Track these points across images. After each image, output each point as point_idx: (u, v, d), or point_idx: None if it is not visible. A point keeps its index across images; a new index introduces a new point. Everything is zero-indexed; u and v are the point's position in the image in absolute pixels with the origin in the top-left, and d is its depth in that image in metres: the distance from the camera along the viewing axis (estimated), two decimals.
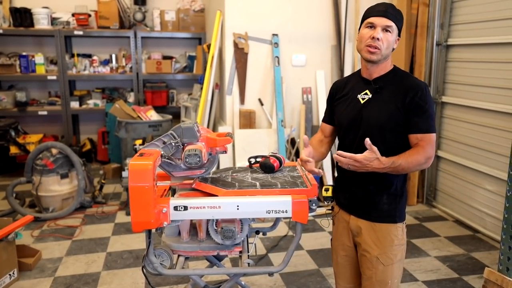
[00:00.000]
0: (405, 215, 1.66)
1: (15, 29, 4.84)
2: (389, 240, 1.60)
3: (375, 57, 1.55)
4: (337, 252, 1.78)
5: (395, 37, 1.56)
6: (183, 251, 1.74)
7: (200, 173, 1.76)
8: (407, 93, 1.54)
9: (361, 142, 1.56)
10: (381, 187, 1.61)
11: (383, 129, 1.57)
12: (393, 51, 1.62)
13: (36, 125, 5.31)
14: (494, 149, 3.24)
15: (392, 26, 1.53)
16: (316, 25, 4.08)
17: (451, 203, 3.81)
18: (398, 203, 1.62)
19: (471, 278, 2.73)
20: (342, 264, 1.77)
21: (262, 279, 2.70)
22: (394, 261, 1.61)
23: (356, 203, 1.67)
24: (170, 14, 5.31)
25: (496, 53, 3.23)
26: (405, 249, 1.66)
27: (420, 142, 1.53)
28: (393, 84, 1.59)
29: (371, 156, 1.46)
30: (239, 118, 4.01)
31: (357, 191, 1.65)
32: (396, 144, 1.58)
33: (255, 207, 1.61)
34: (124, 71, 5.29)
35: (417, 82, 1.58)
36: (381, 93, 1.59)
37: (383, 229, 1.61)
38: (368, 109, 1.61)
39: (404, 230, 1.66)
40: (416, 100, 1.52)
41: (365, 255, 1.64)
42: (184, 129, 1.67)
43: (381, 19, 1.53)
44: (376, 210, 1.62)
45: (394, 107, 1.55)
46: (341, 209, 1.75)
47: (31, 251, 2.89)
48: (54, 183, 3.66)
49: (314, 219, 3.65)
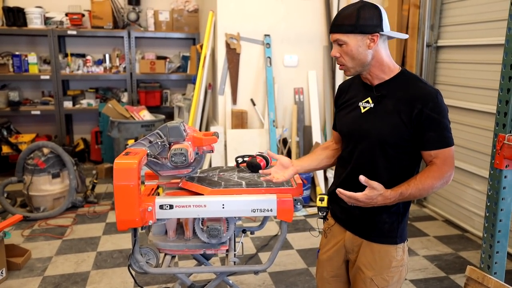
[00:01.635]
0: (406, 235, 1.52)
1: (8, 28, 4.83)
2: (387, 262, 1.46)
3: (348, 73, 1.43)
4: (323, 266, 1.63)
5: (357, 43, 1.35)
6: (170, 250, 1.75)
7: (187, 172, 1.78)
8: (415, 104, 1.33)
9: (360, 157, 1.45)
10: (383, 207, 1.39)
11: (385, 144, 1.38)
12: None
13: (29, 124, 5.30)
14: (482, 149, 3.27)
15: (340, 38, 1.36)
16: (308, 25, 4.11)
17: (441, 203, 3.84)
18: (400, 222, 1.47)
19: (458, 277, 2.76)
20: (327, 279, 1.62)
21: (250, 278, 2.71)
22: (389, 283, 1.47)
23: (354, 219, 1.51)
24: (164, 14, 5.31)
25: (484, 54, 3.27)
26: (405, 269, 1.51)
27: (435, 159, 1.35)
28: (399, 91, 1.38)
29: (373, 194, 1.30)
30: (231, 118, 4.03)
31: (355, 207, 1.42)
32: (401, 160, 1.41)
33: (240, 205, 1.63)
34: (117, 71, 5.29)
35: (428, 89, 1.35)
36: (384, 102, 1.40)
37: (382, 250, 1.47)
38: (369, 120, 1.42)
39: (406, 249, 1.51)
40: (426, 112, 1.32)
41: (360, 274, 1.50)
42: (170, 128, 1.69)
43: (332, 36, 1.40)
44: (375, 229, 1.46)
45: (398, 120, 1.36)
46: (337, 222, 1.58)
47: (21, 250, 2.89)
48: (45, 182, 3.65)
49: (305, 218, 3.67)
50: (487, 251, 1.89)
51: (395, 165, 1.41)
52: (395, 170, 1.41)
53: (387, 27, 1.38)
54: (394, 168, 1.41)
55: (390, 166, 1.40)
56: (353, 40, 1.35)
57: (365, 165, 1.43)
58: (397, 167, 1.41)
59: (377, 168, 1.41)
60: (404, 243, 1.50)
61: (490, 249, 1.88)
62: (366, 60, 1.38)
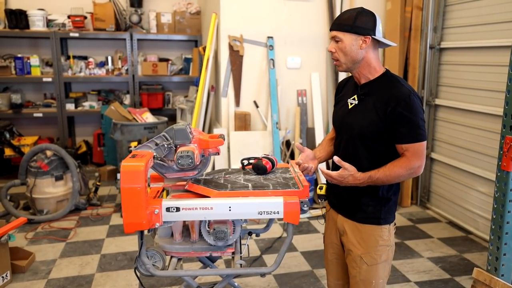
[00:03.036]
0: (393, 218, 1.67)
1: (11, 31, 4.83)
2: (373, 240, 1.62)
3: (340, 68, 1.60)
4: (327, 249, 1.83)
5: (351, 41, 1.54)
6: (176, 252, 1.74)
7: (192, 175, 1.77)
8: (389, 103, 1.51)
9: (345, 148, 1.65)
10: (366, 191, 1.61)
11: (364, 137, 1.58)
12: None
13: (31, 127, 5.30)
14: (486, 151, 3.27)
15: (337, 35, 1.55)
16: (311, 28, 4.11)
17: (444, 205, 3.83)
18: (384, 206, 1.63)
19: (463, 278, 2.76)
20: (331, 261, 1.81)
21: (255, 280, 2.71)
22: (378, 261, 1.63)
23: (342, 203, 1.71)
24: (166, 16, 5.32)
25: (488, 56, 3.26)
26: (392, 250, 1.67)
27: (406, 152, 1.53)
28: (379, 91, 1.57)
29: (344, 174, 1.54)
30: (234, 120, 4.02)
31: (343, 192, 1.68)
32: (381, 152, 1.59)
33: (247, 208, 1.62)
34: (120, 73, 5.29)
35: (402, 90, 1.53)
36: (366, 100, 1.59)
37: (367, 230, 1.63)
38: (353, 116, 1.62)
39: (392, 231, 1.67)
40: (398, 110, 1.50)
41: (350, 254, 1.67)
42: (176, 131, 1.68)
43: (331, 33, 1.59)
44: (360, 211, 1.65)
45: (375, 116, 1.55)
46: (331, 207, 1.79)
47: (25, 253, 2.88)
48: (49, 185, 3.65)
49: (309, 221, 3.67)
50: (494, 253, 1.88)
51: (374, 155, 1.59)
52: (375, 159, 1.58)
53: (379, 33, 1.58)
54: (373, 158, 1.58)
55: (370, 156, 1.59)
56: (349, 38, 1.54)
57: (349, 154, 1.63)
58: (376, 157, 1.58)
59: (359, 158, 1.61)
60: (389, 225, 1.64)
61: (497, 251, 1.87)
62: (357, 58, 1.56)
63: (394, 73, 1.64)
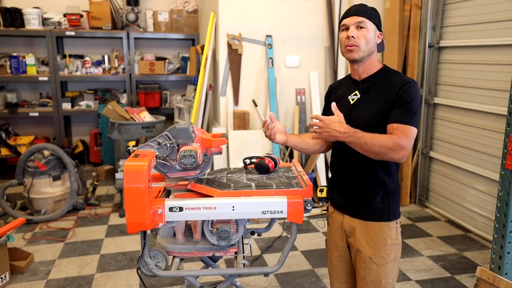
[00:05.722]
0: (399, 214, 1.68)
1: (6, 29, 4.78)
2: (382, 240, 1.61)
3: (356, 55, 1.56)
4: (331, 252, 1.79)
5: (373, 32, 1.57)
6: (178, 252, 1.73)
7: (195, 174, 1.76)
8: (392, 89, 1.53)
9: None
10: (374, 186, 1.61)
11: (371, 128, 1.54)
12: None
13: (27, 126, 5.25)
14: (485, 150, 3.28)
15: (364, 21, 1.55)
16: (309, 26, 4.10)
17: (443, 203, 3.84)
18: (391, 201, 1.63)
19: (463, 277, 2.76)
20: (336, 265, 1.78)
21: (257, 279, 2.70)
22: (387, 261, 1.62)
23: (350, 202, 1.67)
24: (163, 15, 5.29)
25: (487, 55, 3.27)
26: (399, 248, 1.67)
27: (395, 131, 1.48)
28: (381, 82, 1.59)
29: (333, 118, 1.53)
30: (233, 119, 4.01)
31: (350, 191, 1.65)
32: None
33: (251, 207, 1.61)
34: (116, 72, 5.26)
35: (404, 77, 1.57)
36: (369, 92, 1.60)
37: (376, 229, 1.61)
38: (357, 109, 1.62)
39: (399, 229, 1.67)
40: (399, 93, 1.51)
41: (359, 255, 1.64)
42: (179, 130, 1.67)
43: (352, 18, 1.56)
44: (370, 209, 1.62)
45: (381, 106, 1.55)
46: (335, 209, 1.76)
47: (23, 254, 2.85)
48: (46, 185, 3.62)
49: (309, 220, 3.66)
50: (498, 252, 1.88)
51: None
52: None
53: None
54: None
55: None
56: (372, 28, 1.56)
57: (355, 150, 1.55)
58: None
59: None
60: (396, 222, 1.65)
61: (500, 250, 1.87)
62: (372, 49, 1.58)
63: (392, 68, 1.68)
